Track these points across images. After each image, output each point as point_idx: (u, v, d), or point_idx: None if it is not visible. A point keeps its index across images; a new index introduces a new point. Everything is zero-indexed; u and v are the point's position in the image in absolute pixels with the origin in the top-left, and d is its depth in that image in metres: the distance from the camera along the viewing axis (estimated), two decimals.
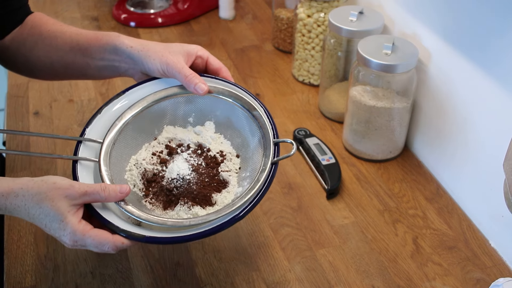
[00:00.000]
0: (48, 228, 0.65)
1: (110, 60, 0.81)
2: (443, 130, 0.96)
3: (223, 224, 0.66)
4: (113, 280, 0.80)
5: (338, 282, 0.80)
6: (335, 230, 0.88)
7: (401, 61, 0.91)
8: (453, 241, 0.87)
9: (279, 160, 0.71)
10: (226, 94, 0.78)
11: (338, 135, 1.07)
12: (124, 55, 0.79)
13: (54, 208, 0.64)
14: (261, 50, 1.33)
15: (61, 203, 0.64)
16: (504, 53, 0.78)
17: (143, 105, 0.78)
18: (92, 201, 0.67)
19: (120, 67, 0.81)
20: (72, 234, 0.64)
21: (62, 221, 0.64)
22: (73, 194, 0.65)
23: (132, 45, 0.79)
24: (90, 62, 0.82)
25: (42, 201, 0.64)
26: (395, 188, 0.96)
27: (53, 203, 0.64)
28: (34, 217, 0.65)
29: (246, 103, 0.77)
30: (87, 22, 1.44)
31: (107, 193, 0.67)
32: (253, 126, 0.76)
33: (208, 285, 0.80)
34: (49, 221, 0.65)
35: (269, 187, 0.69)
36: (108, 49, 0.80)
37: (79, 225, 0.65)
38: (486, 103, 0.84)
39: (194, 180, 0.74)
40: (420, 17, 0.97)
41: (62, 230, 0.65)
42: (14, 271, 0.81)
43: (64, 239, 0.65)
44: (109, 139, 0.74)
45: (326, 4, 1.12)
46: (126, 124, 0.77)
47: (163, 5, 1.48)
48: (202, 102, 0.80)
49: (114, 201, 0.68)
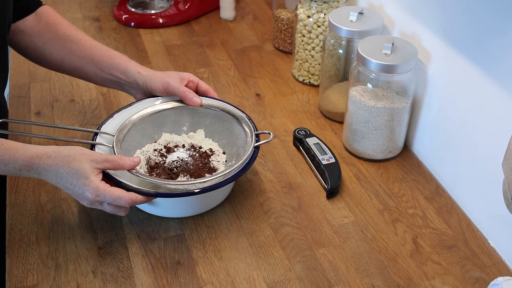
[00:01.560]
0: (73, 186, 0.77)
1: (117, 78, 0.95)
2: (442, 129, 0.96)
3: (227, 180, 0.83)
4: (114, 279, 0.80)
5: (338, 281, 0.81)
6: (335, 229, 0.88)
7: (401, 61, 0.91)
8: (453, 240, 0.87)
9: (260, 144, 0.89)
10: (214, 106, 0.96)
11: (338, 135, 1.07)
12: (131, 78, 0.94)
13: (82, 168, 0.77)
14: (261, 51, 1.33)
15: (87, 165, 0.78)
16: (504, 53, 0.78)
17: (148, 112, 0.94)
18: (111, 167, 0.81)
19: (125, 85, 0.96)
20: (95, 189, 0.77)
21: (87, 178, 0.77)
22: (97, 159, 0.79)
23: (140, 71, 0.94)
24: (98, 73, 0.95)
25: (71, 162, 0.77)
26: (394, 188, 0.96)
27: (80, 163, 0.77)
28: (62, 176, 0.77)
29: (231, 110, 0.95)
30: (88, 23, 1.44)
31: (123, 161, 0.82)
32: (237, 128, 0.93)
33: (208, 284, 0.80)
34: (75, 179, 0.77)
35: (253, 161, 0.86)
36: (119, 69, 0.94)
37: (100, 183, 0.78)
38: (485, 103, 0.85)
39: (191, 162, 0.91)
40: (420, 17, 0.97)
41: (87, 186, 0.77)
42: (16, 270, 0.81)
43: (86, 194, 0.77)
44: (120, 132, 0.90)
45: (326, 5, 1.13)
46: (133, 124, 0.92)
47: (164, 5, 1.49)
48: (194, 113, 0.97)
49: (128, 168, 0.82)
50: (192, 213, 0.90)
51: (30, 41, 0.95)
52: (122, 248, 0.85)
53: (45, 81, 1.20)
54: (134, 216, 0.90)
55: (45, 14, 0.95)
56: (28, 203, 0.92)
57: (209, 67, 1.27)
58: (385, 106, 0.95)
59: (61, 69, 0.98)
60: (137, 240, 0.86)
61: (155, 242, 0.86)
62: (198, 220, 0.89)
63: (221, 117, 0.96)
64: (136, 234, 0.87)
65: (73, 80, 1.20)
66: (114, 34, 1.40)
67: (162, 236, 0.87)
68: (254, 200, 0.93)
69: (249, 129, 0.91)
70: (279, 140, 1.06)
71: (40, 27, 0.94)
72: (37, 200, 0.92)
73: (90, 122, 1.09)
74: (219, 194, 0.91)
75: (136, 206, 0.91)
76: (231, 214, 0.91)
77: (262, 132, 0.91)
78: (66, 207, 0.91)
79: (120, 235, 0.86)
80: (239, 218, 0.90)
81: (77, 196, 0.79)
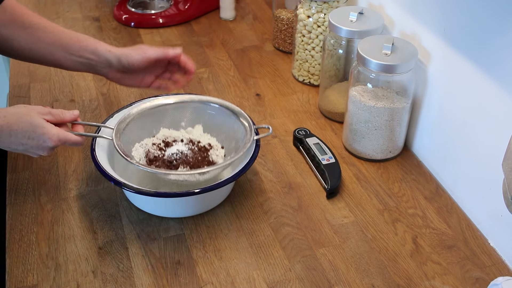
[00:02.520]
0: (31, 139, 0.79)
1: (88, 59, 0.94)
2: (442, 129, 0.96)
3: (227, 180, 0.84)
4: (114, 279, 0.80)
5: (338, 281, 0.81)
6: (335, 229, 0.88)
7: (401, 61, 0.91)
8: (453, 240, 0.87)
9: (260, 137, 0.90)
10: (213, 101, 0.96)
11: (338, 135, 1.07)
12: (103, 57, 0.93)
13: (34, 120, 0.79)
14: (261, 51, 1.33)
15: (37, 117, 0.80)
16: (504, 53, 0.78)
17: (147, 106, 0.96)
18: (54, 120, 0.83)
19: (96, 66, 0.95)
20: (56, 135, 0.80)
21: (43, 127, 0.80)
22: (42, 111, 0.81)
23: (110, 50, 0.94)
24: (68, 57, 0.95)
25: (22, 117, 0.79)
26: (394, 188, 0.96)
27: (31, 117, 0.80)
28: (17, 133, 0.79)
29: (229, 106, 0.95)
30: (88, 23, 1.44)
31: (64, 115, 0.84)
32: (236, 123, 0.93)
33: (208, 284, 0.80)
34: (32, 132, 0.79)
35: (253, 160, 0.87)
36: (89, 50, 0.94)
37: (56, 128, 0.81)
38: (485, 102, 0.85)
39: (190, 155, 0.91)
40: (420, 17, 0.97)
41: (46, 134, 0.80)
42: (16, 270, 0.81)
43: (47, 143, 0.80)
44: (120, 124, 0.91)
45: (326, 5, 1.13)
46: (133, 118, 0.93)
47: (164, 5, 1.49)
48: (193, 109, 0.97)
49: (69, 120, 0.85)
50: (192, 213, 0.90)
51: None
52: (122, 248, 0.85)
53: (45, 81, 1.20)
54: (134, 216, 0.90)
55: (10, 6, 0.95)
56: (28, 203, 0.92)
57: (209, 67, 1.27)
58: (385, 106, 0.95)
59: (31, 58, 0.97)
60: (137, 240, 0.86)
61: (155, 242, 0.86)
62: (198, 220, 0.89)
63: (220, 112, 0.96)
64: (136, 234, 0.87)
65: (73, 80, 1.20)
66: (114, 34, 1.40)
67: (162, 236, 0.87)
68: (254, 200, 0.93)
69: (248, 123, 0.92)
70: (279, 140, 1.06)
71: (6, 18, 0.94)
72: (37, 200, 0.92)
73: (90, 122, 1.09)
74: (219, 194, 0.91)
75: (136, 206, 0.91)
76: (231, 214, 0.91)
77: (261, 126, 0.92)
78: (66, 207, 0.91)
79: (120, 235, 0.86)
80: (239, 218, 0.90)
81: (35, 149, 0.81)
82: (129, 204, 0.91)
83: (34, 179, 0.96)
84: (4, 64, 1.85)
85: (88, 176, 0.97)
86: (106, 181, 0.95)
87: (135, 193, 0.82)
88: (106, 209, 0.91)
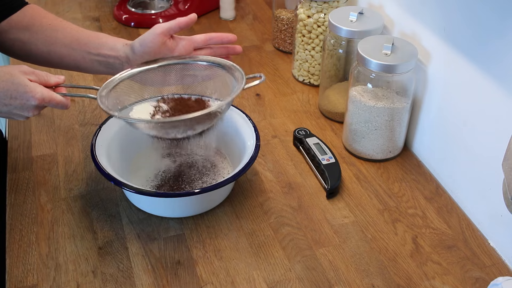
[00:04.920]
0: (14, 98, 0.77)
1: (106, 57, 0.91)
2: (442, 130, 0.96)
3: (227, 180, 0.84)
4: (114, 279, 0.80)
5: (338, 281, 0.81)
6: (335, 229, 0.88)
7: (401, 61, 0.91)
8: (453, 240, 0.87)
9: (251, 86, 0.86)
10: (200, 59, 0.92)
11: (338, 135, 1.08)
12: (121, 51, 0.90)
13: (16, 78, 0.77)
14: (261, 51, 1.33)
15: (19, 75, 0.77)
16: (504, 53, 0.78)
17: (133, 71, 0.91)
18: (37, 80, 0.80)
19: (115, 63, 0.92)
20: (42, 92, 0.78)
21: (26, 85, 0.77)
22: (25, 70, 0.79)
23: (127, 43, 0.91)
24: (86, 56, 0.92)
25: (2, 77, 0.76)
26: (394, 188, 0.96)
27: (12, 76, 0.77)
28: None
29: (222, 63, 0.92)
30: (88, 23, 1.44)
31: (48, 77, 0.81)
32: (228, 76, 0.90)
33: (208, 284, 0.80)
34: (14, 90, 0.76)
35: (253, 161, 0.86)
36: (107, 46, 0.91)
37: (40, 86, 0.79)
38: (485, 103, 0.85)
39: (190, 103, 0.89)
40: (420, 17, 0.97)
41: (30, 93, 0.77)
42: (16, 270, 0.81)
43: (31, 101, 0.77)
44: (106, 85, 0.88)
45: (326, 5, 1.13)
46: (120, 80, 0.89)
47: (164, 5, 1.49)
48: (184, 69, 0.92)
49: (53, 84, 0.82)
50: (192, 213, 0.90)
51: (16, 38, 0.94)
52: (122, 248, 0.85)
53: None
54: (134, 216, 0.90)
55: (30, 11, 0.94)
56: (28, 203, 0.92)
57: None
58: (385, 106, 0.95)
59: (48, 61, 0.95)
60: (137, 240, 0.86)
61: (155, 242, 0.86)
62: (198, 220, 0.89)
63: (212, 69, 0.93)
64: (136, 234, 0.87)
65: (73, 80, 1.20)
66: (114, 34, 1.39)
67: (162, 236, 0.87)
68: (254, 200, 0.93)
69: (239, 72, 0.88)
70: (279, 140, 1.06)
71: (25, 23, 0.93)
72: (37, 200, 0.92)
73: (90, 122, 1.09)
74: (219, 194, 0.91)
75: (136, 206, 0.91)
76: (231, 214, 0.91)
77: (253, 75, 0.89)
78: (66, 207, 0.91)
79: (120, 235, 0.86)
80: (239, 218, 0.90)
81: (19, 109, 0.78)
82: (129, 204, 0.91)
83: (34, 179, 0.96)
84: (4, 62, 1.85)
85: (88, 176, 0.97)
86: (106, 181, 0.95)
87: (135, 193, 0.82)
88: (106, 209, 0.91)
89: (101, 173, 0.84)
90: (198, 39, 0.93)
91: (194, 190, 0.82)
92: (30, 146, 1.03)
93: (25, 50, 0.94)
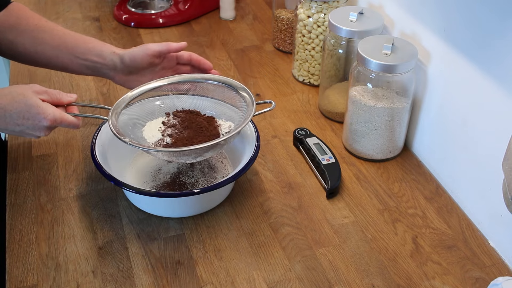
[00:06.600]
0: (26, 119, 0.78)
1: (93, 62, 0.93)
2: (442, 129, 0.96)
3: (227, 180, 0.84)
4: (114, 279, 0.80)
5: (338, 281, 0.81)
6: (335, 229, 0.88)
7: (401, 61, 0.91)
8: (453, 240, 0.87)
9: (261, 113, 0.89)
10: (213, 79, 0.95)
11: (338, 135, 1.08)
12: (108, 58, 0.92)
13: (29, 100, 0.77)
14: (261, 51, 1.33)
15: (31, 96, 0.78)
16: (504, 53, 0.78)
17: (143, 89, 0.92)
18: (50, 100, 0.81)
19: (102, 69, 0.94)
20: (52, 114, 0.79)
21: (39, 107, 0.78)
22: (38, 90, 0.79)
23: (115, 51, 0.93)
24: (73, 60, 0.93)
25: (16, 98, 0.77)
26: (394, 188, 0.96)
27: (25, 97, 0.77)
28: (12, 114, 0.77)
29: (233, 84, 0.93)
30: (88, 23, 1.44)
31: (61, 96, 0.83)
32: (236, 96, 0.92)
33: (208, 284, 0.80)
34: (27, 111, 0.77)
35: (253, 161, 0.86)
36: (94, 52, 0.92)
37: (52, 107, 0.79)
38: (485, 103, 0.85)
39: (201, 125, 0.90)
40: (420, 17, 0.97)
41: (42, 114, 0.78)
42: (16, 270, 0.81)
43: (43, 123, 0.78)
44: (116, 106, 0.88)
45: (326, 5, 1.13)
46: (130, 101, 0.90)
47: (164, 5, 1.49)
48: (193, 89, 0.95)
49: (66, 102, 0.84)
50: (192, 213, 0.90)
51: (2, 37, 0.93)
52: (122, 248, 0.85)
53: (45, 82, 1.20)
54: (134, 216, 0.90)
55: (15, 10, 0.94)
56: (28, 203, 0.92)
57: None
58: (385, 106, 0.95)
59: (36, 61, 0.96)
60: (137, 240, 0.86)
61: (155, 242, 0.86)
62: (198, 220, 0.89)
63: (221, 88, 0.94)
64: (136, 234, 0.87)
65: (73, 80, 1.20)
66: (114, 34, 1.40)
67: (162, 236, 0.87)
68: (254, 200, 0.93)
69: (248, 95, 0.90)
70: (279, 140, 1.06)
71: (11, 22, 0.93)
72: (37, 200, 0.92)
73: (90, 122, 1.09)
74: (219, 194, 0.91)
75: (136, 206, 0.91)
76: (231, 214, 0.91)
77: (263, 102, 0.92)
78: (66, 207, 0.91)
79: (120, 235, 0.86)
80: (239, 218, 0.90)
81: (32, 129, 0.79)
82: (129, 204, 0.91)
83: (34, 179, 0.96)
84: (4, 64, 1.85)
85: (88, 176, 0.97)
86: (106, 181, 0.95)
87: (135, 193, 0.82)
88: (106, 209, 0.91)
89: (101, 173, 0.84)
90: (183, 56, 0.97)
91: (194, 190, 0.82)
92: (30, 146, 1.03)
93: (12, 50, 0.95)
